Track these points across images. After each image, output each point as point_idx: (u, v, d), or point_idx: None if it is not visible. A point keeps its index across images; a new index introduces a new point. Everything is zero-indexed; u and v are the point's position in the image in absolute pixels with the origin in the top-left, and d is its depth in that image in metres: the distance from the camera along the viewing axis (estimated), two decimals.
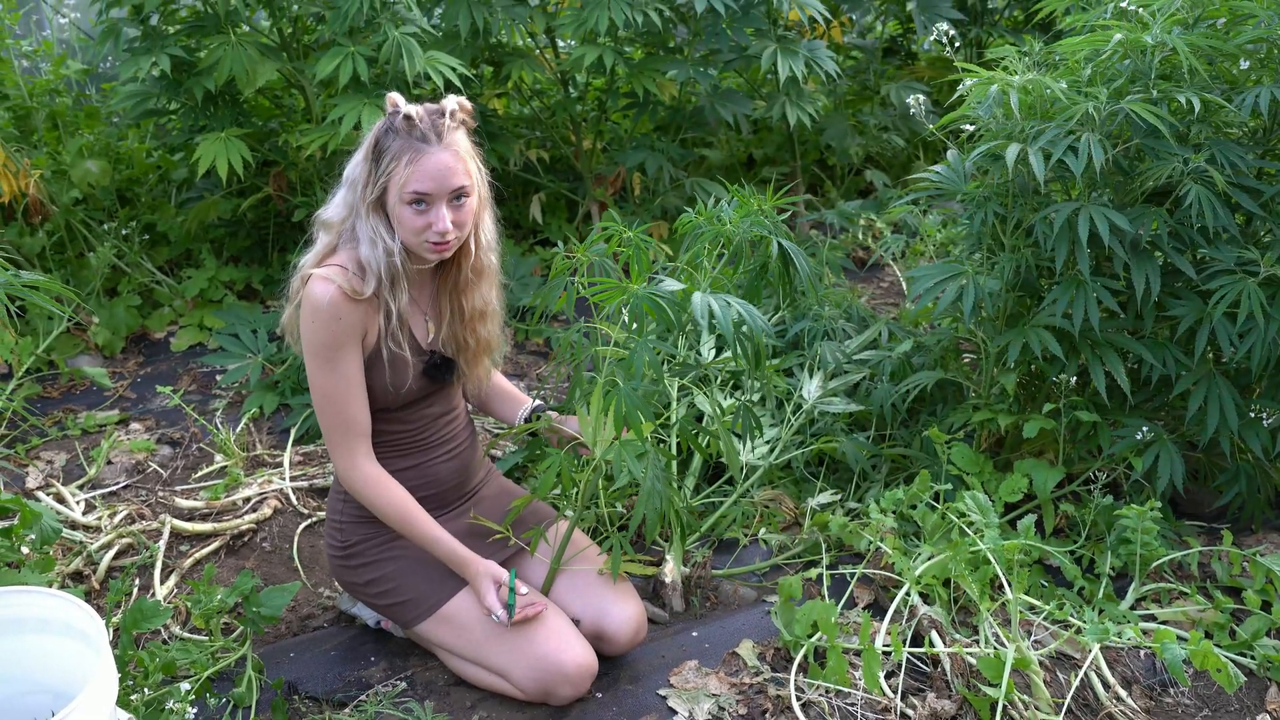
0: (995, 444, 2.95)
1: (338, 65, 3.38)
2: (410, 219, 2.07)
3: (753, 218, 2.37)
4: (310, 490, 3.08)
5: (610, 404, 2.02)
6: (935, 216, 4.08)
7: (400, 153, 2.04)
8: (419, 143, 2.04)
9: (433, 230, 2.07)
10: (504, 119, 4.64)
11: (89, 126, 4.33)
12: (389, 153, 2.06)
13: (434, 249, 2.10)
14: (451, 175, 2.06)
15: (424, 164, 2.04)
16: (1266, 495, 2.78)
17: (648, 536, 2.23)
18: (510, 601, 2.16)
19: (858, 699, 2.22)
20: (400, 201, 2.06)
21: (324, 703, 2.27)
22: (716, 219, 2.38)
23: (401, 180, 2.04)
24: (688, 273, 2.34)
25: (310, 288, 2.09)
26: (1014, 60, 2.60)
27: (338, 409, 2.14)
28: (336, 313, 2.07)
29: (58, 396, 3.63)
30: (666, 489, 2.12)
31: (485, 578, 2.19)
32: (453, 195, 2.07)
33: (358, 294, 2.08)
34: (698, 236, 2.39)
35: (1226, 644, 2.42)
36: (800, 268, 2.37)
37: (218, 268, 4.11)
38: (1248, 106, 2.39)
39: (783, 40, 4.27)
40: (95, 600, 2.60)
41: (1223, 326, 2.46)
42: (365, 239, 2.11)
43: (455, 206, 2.09)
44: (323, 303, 2.07)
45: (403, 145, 2.05)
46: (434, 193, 2.05)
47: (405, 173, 2.04)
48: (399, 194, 2.06)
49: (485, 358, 2.36)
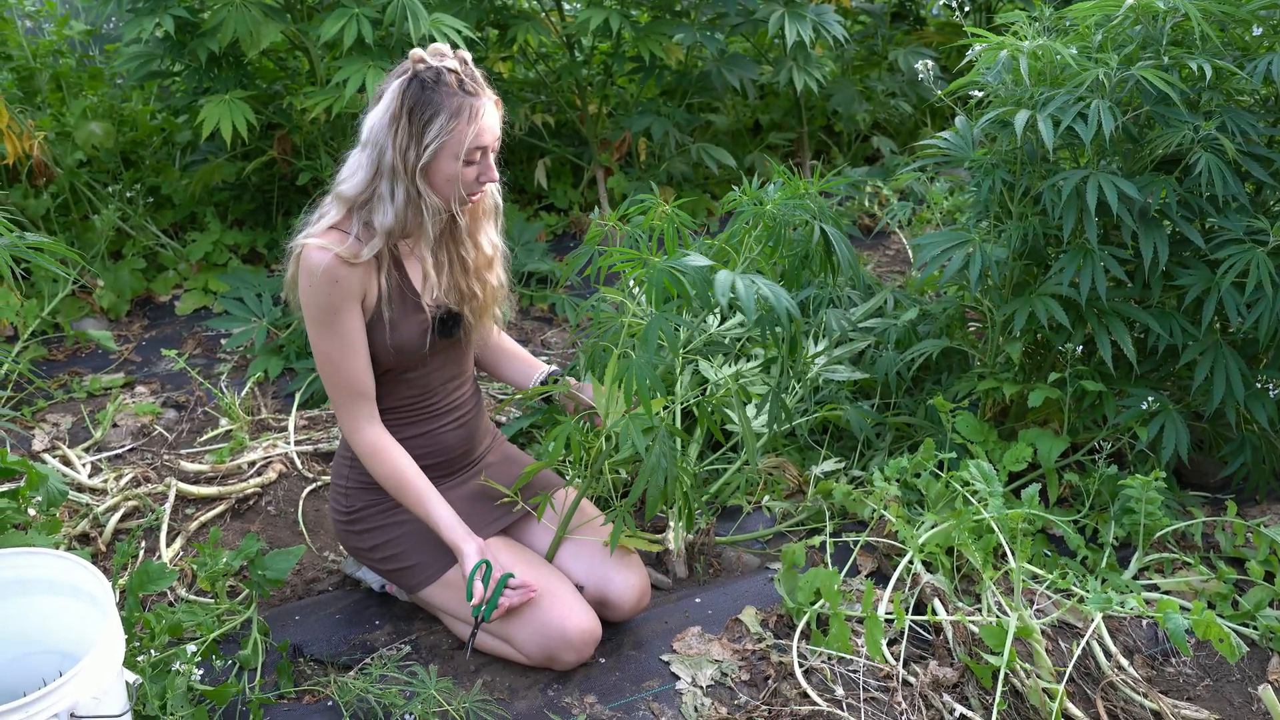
0: (1000, 413, 2.95)
1: (342, 27, 3.37)
2: (463, 172, 2.06)
3: (797, 200, 2.34)
4: (315, 455, 3.10)
5: (622, 376, 2.01)
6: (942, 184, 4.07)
7: (457, 109, 2.01)
8: (471, 98, 2.02)
9: (481, 181, 2.09)
10: (509, 83, 4.65)
11: (93, 88, 4.34)
12: (444, 111, 2.01)
13: (471, 198, 2.13)
14: (498, 124, 2.09)
15: (483, 118, 2.03)
16: (1271, 466, 2.79)
17: (648, 514, 2.21)
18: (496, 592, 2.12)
19: (860, 666, 2.23)
20: (453, 156, 2.04)
21: (329, 665, 2.29)
22: (759, 201, 2.34)
23: (461, 135, 2.02)
24: (725, 251, 2.33)
25: (306, 254, 2.07)
26: (1024, 25, 2.59)
27: (339, 371, 2.14)
28: (333, 276, 2.06)
29: (63, 359, 3.66)
30: (672, 465, 2.11)
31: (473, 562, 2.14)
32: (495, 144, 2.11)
33: (355, 258, 2.07)
34: (738, 215, 2.36)
35: (1229, 614, 2.44)
36: (842, 254, 2.35)
37: (222, 231, 4.12)
38: (1260, 73, 2.38)
39: (790, 4, 4.26)
40: (102, 562, 2.63)
41: (1230, 296, 2.46)
42: (386, 203, 2.07)
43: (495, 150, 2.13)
44: (319, 268, 2.05)
45: (460, 102, 2.01)
46: (491, 144, 2.08)
47: (468, 129, 2.02)
48: (460, 151, 2.03)
49: (495, 305, 2.34)
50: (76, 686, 1.65)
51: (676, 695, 2.16)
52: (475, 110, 2.02)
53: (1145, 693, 2.21)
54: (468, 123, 2.01)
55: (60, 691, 1.63)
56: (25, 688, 1.91)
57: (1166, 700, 2.20)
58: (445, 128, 2.01)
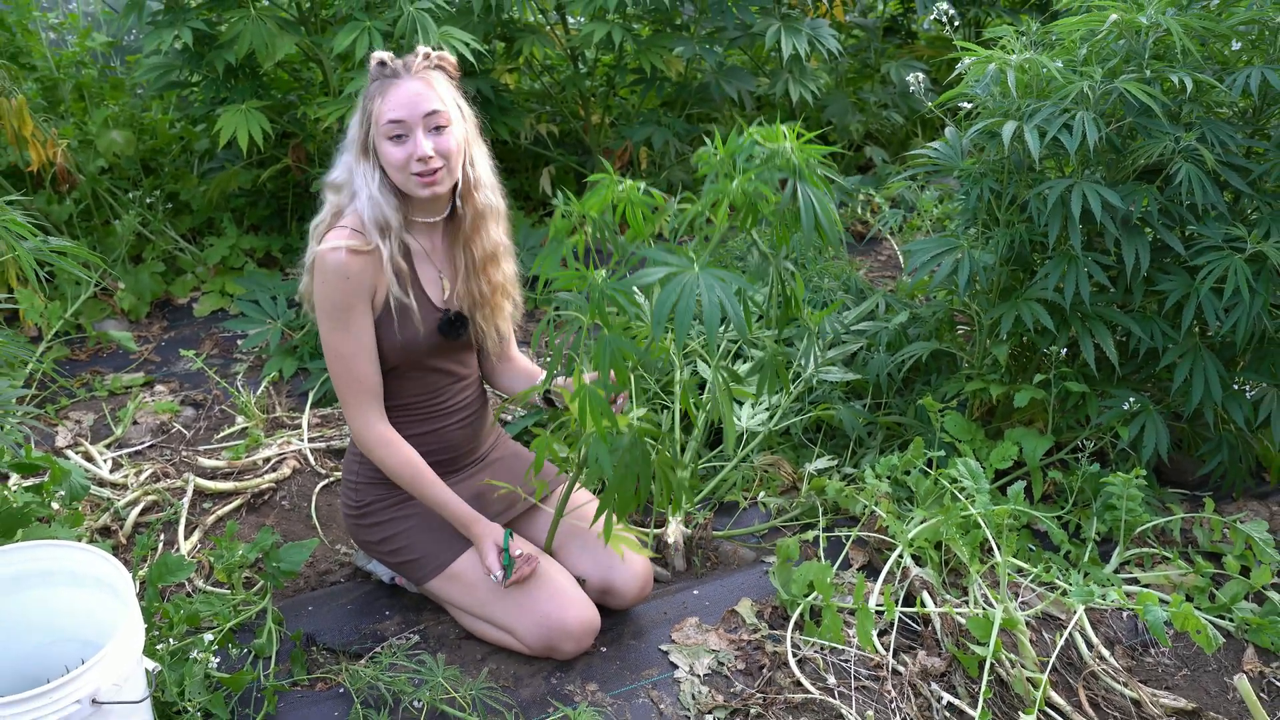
0: (987, 413, 2.97)
1: (354, 39, 3.40)
2: (392, 153, 2.10)
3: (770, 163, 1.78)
4: (327, 451, 3.12)
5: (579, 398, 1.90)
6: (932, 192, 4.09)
7: (374, 93, 2.11)
8: (389, 78, 2.10)
9: (414, 159, 2.09)
10: (515, 94, 4.65)
11: (114, 98, 4.36)
12: (368, 95, 2.12)
13: (421, 181, 2.11)
14: (421, 100, 2.08)
15: (394, 93, 2.08)
16: (1248, 465, 2.81)
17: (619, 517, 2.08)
18: (506, 563, 2.20)
19: (851, 656, 2.25)
20: (382, 137, 2.10)
21: (341, 654, 2.30)
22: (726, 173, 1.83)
23: (377, 115, 2.10)
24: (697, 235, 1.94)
25: (322, 250, 2.12)
26: (1011, 40, 2.60)
27: (348, 367, 2.17)
28: (344, 271, 2.10)
29: (85, 359, 3.67)
30: (645, 465, 2.00)
31: (488, 539, 2.22)
32: (429, 123, 2.09)
33: (365, 247, 2.11)
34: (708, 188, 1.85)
35: (1206, 607, 2.46)
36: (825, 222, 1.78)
37: (239, 236, 4.14)
38: (1238, 87, 2.40)
39: (786, 18, 4.29)
40: (122, 554, 2.65)
41: (1209, 301, 2.48)
42: (361, 188, 2.14)
43: (435, 135, 2.10)
44: (330, 263, 2.09)
45: (377, 86, 2.11)
46: (408, 119, 2.08)
47: (380, 107, 2.09)
48: (379, 130, 2.10)
49: (505, 304, 2.36)
50: (98, 673, 1.68)
51: (675, 683, 2.18)
52: (385, 86, 2.09)
53: (1125, 682, 2.24)
54: (378, 100, 2.10)
55: (83, 678, 1.65)
56: (49, 675, 1.94)
57: (1146, 689, 2.23)
58: (368, 108, 2.12)
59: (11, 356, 2.36)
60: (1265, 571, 2.49)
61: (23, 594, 1.95)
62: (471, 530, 2.25)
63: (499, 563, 2.20)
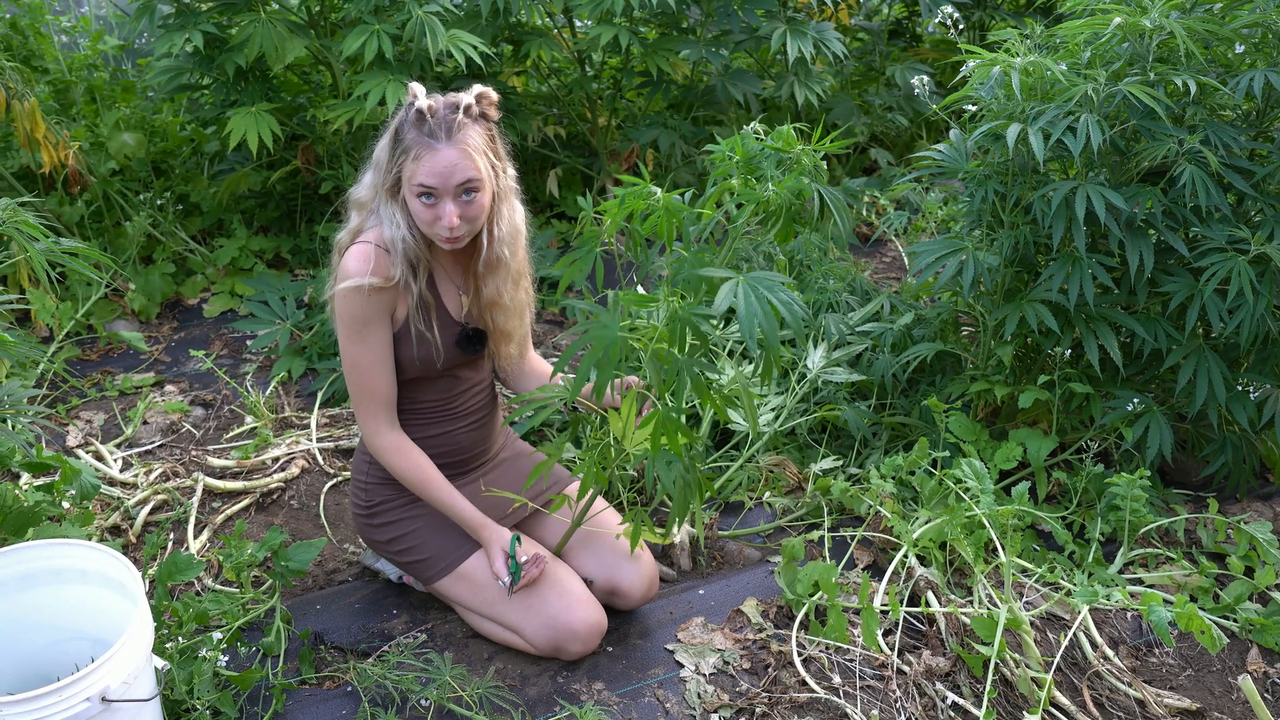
0: (991, 413, 2.98)
1: (363, 43, 3.42)
2: (421, 211, 2.09)
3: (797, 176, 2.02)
4: (336, 451, 3.14)
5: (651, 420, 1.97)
6: (937, 194, 4.09)
7: (410, 147, 2.05)
8: (428, 139, 2.03)
9: (440, 224, 2.08)
10: (523, 96, 4.67)
11: (125, 100, 4.37)
12: (402, 145, 2.07)
13: (445, 241, 2.11)
14: (456, 172, 2.03)
15: (429, 161, 2.02)
16: (1251, 465, 2.81)
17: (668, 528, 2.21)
18: (513, 569, 2.21)
19: (856, 655, 2.26)
20: (411, 194, 2.08)
21: (348, 652, 2.32)
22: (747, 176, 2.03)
23: (410, 174, 2.06)
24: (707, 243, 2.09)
25: (345, 262, 2.12)
26: (1016, 43, 2.61)
27: (364, 378, 2.19)
28: (365, 291, 2.11)
29: (96, 359, 3.69)
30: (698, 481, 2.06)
31: (495, 544, 2.24)
32: (460, 190, 2.06)
33: (388, 280, 2.12)
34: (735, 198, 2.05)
35: (1210, 607, 2.46)
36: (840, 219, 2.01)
37: (248, 237, 4.16)
38: (1242, 89, 2.41)
39: (792, 22, 4.30)
40: (132, 553, 2.67)
41: (1213, 302, 2.48)
42: (386, 221, 2.14)
43: (464, 202, 2.08)
44: (354, 280, 2.10)
45: (414, 140, 2.04)
46: (439, 188, 2.04)
47: (413, 167, 2.05)
48: (409, 186, 2.07)
49: (506, 344, 2.35)
50: (108, 671, 1.69)
51: (681, 683, 2.19)
52: (422, 150, 2.03)
53: (1130, 682, 2.24)
54: (412, 160, 2.05)
55: (92, 676, 1.66)
56: (59, 673, 1.96)
57: (1150, 689, 2.23)
58: (398, 160, 2.08)
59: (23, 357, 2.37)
60: (1269, 572, 2.50)
61: (33, 592, 1.96)
62: (480, 535, 2.27)
63: (506, 569, 2.22)
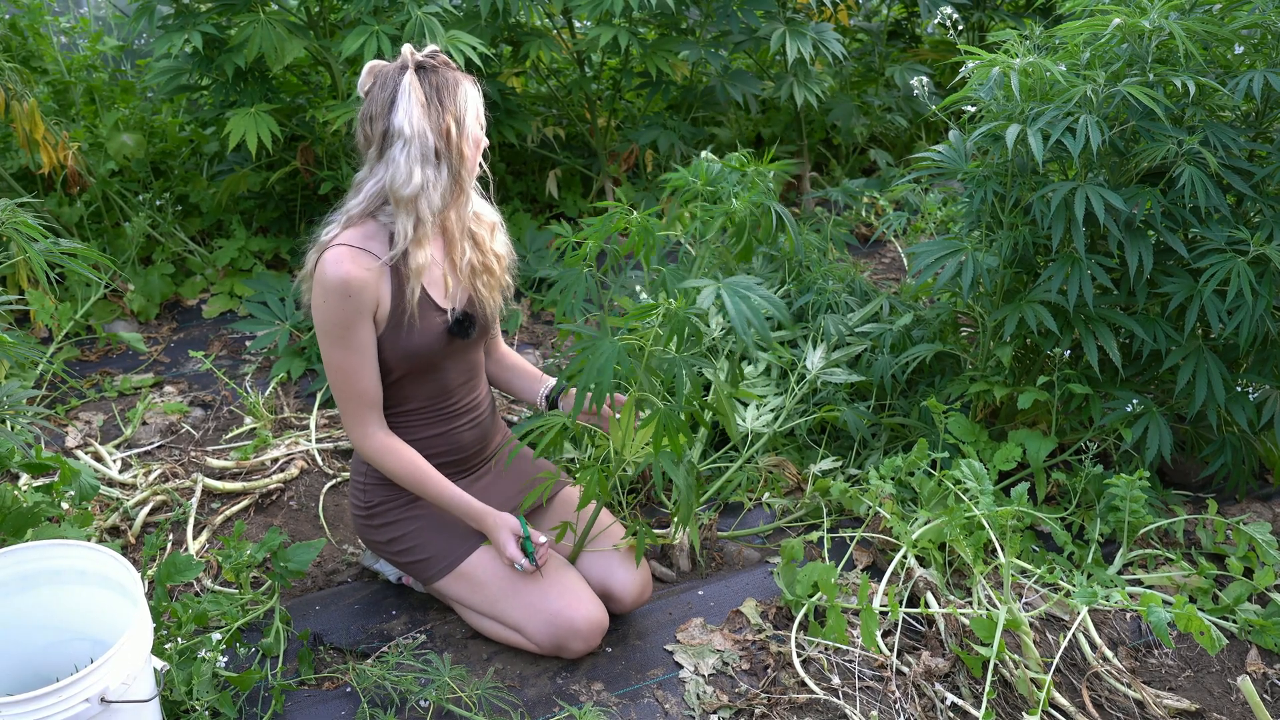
0: (990, 414, 2.98)
1: (362, 43, 3.42)
2: (482, 139, 2.19)
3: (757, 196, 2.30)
4: (335, 452, 3.14)
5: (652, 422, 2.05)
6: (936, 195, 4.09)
7: (466, 81, 2.15)
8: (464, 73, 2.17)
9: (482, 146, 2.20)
10: (522, 97, 4.67)
11: (124, 101, 4.38)
12: (463, 81, 2.14)
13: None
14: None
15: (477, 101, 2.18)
16: (1251, 466, 2.81)
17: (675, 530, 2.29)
18: (528, 550, 2.20)
19: (856, 656, 2.26)
20: (479, 123, 2.18)
21: (348, 653, 2.32)
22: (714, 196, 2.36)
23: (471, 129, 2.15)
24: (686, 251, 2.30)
25: (322, 268, 2.09)
26: (1015, 43, 2.61)
27: (352, 382, 2.17)
28: (346, 291, 2.08)
29: (95, 360, 3.69)
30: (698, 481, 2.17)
31: (504, 529, 2.22)
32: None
33: (372, 267, 2.10)
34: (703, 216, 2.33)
35: (1209, 608, 2.47)
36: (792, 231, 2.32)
37: (247, 238, 4.16)
38: (1241, 90, 2.41)
39: (791, 22, 4.29)
40: (131, 554, 2.67)
41: (1212, 303, 2.48)
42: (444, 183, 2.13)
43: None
44: (333, 283, 2.08)
45: (462, 75, 2.15)
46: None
47: (478, 94, 2.17)
48: (480, 117, 2.18)
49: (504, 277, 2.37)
50: (107, 672, 1.69)
51: (680, 683, 2.20)
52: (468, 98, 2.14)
53: (1129, 683, 2.25)
54: (475, 87, 2.16)
55: (92, 677, 1.66)
56: (58, 673, 1.96)
57: (1149, 690, 2.24)
58: (470, 95, 2.14)
59: (22, 357, 2.37)
60: (1268, 573, 2.50)
61: (32, 593, 1.97)
62: (485, 523, 2.25)
63: (521, 551, 2.21)
